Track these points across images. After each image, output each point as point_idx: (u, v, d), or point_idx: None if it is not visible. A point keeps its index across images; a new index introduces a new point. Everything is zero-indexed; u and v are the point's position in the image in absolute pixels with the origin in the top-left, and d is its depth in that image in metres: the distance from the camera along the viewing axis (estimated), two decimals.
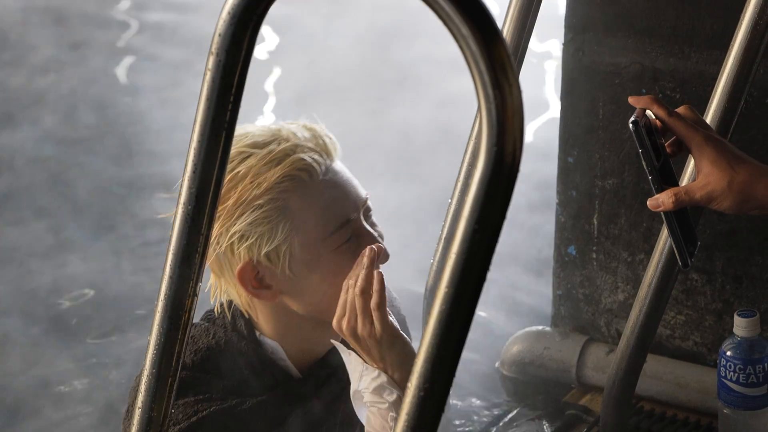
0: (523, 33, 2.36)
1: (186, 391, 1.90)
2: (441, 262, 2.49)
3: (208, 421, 1.88)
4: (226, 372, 1.94)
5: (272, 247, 1.88)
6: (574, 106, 2.92)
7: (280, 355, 1.98)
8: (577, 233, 2.99)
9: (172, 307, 1.40)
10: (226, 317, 1.98)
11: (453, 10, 1.11)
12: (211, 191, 1.35)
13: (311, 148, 1.90)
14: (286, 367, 1.98)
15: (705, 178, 1.92)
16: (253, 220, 1.87)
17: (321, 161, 1.90)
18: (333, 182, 1.91)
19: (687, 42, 2.74)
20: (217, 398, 1.90)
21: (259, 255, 1.89)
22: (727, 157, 1.91)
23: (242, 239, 1.88)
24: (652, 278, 2.35)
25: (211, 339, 1.96)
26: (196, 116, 1.32)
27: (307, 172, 1.88)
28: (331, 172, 1.92)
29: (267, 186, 1.86)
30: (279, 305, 1.95)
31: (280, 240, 1.88)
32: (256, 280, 1.91)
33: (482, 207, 1.14)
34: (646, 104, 1.95)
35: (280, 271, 1.90)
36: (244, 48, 1.29)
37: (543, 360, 3.08)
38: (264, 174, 1.87)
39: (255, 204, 1.87)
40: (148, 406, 1.45)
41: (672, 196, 1.93)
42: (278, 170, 1.87)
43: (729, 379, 2.35)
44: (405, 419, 1.21)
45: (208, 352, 1.95)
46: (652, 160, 1.92)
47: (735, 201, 1.92)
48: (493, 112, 1.12)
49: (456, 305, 1.17)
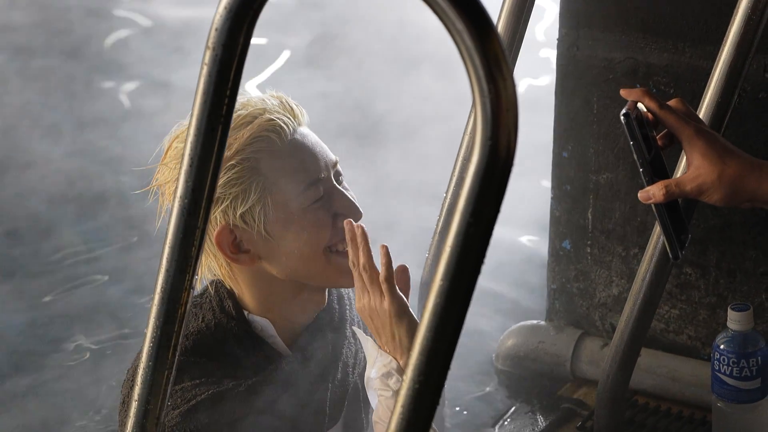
0: (518, 28, 2.36)
1: (181, 376, 1.92)
2: (436, 255, 2.50)
3: (205, 404, 1.90)
4: (219, 354, 1.97)
5: (246, 208, 1.92)
6: (569, 101, 2.93)
7: (269, 332, 2.01)
8: (572, 227, 3.00)
9: (168, 300, 1.41)
10: (213, 300, 2.00)
11: (448, 5, 1.11)
12: (208, 185, 1.36)
13: (279, 111, 1.96)
14: (275, 344, 2.01)
15: (695, 171, 1.93)
16: (227, 182, 1.92)
17: (288, 122, 1.95)
18: (302, 143, 1.96)
19: (680, 37, 2.75)
20: (212, 382, 1.92)
21: (235, 217, 1.93)
22: (718, 150, 1.92)
23: (217, 202, 1.93)
24: (646, 272, 2.35)
25: (201, 322, 1.99)
26: (193, 110, 1.33)
27: (275, 132, 1.94)
28: (299, 134, 1.97)
29: (237, 147, 1.91)
30: (259, 272, 1.98)
31: (253, 200, 1.92)
32: (233, 245, 1.95)
33: (477, 200, 1.14)
34: (638, 97, 1.96)
35: (256, 232, 1.94)
36: (240, 42, 1.30)
37: (538, 354, 3.09)
38: (234, 135, 1.92)
39: (227, 165, 1.91)
40: (144, 398, 1.45)
41: (663, 188, 1.94)
42: (247, 131, 1.92)
43: (723, 373, 2.36)
44: (400, 411, 1.22)
45: (199, 336, 1.98)
46: (643, 152, 1.93)
47: (725, 193, 1.93)
48: (488, 106, 1.12)
49: (451, 298, 1.17)
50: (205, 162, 1.35)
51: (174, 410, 1.90)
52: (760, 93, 2.69)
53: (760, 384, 2.36)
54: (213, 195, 1.37)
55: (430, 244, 2.52)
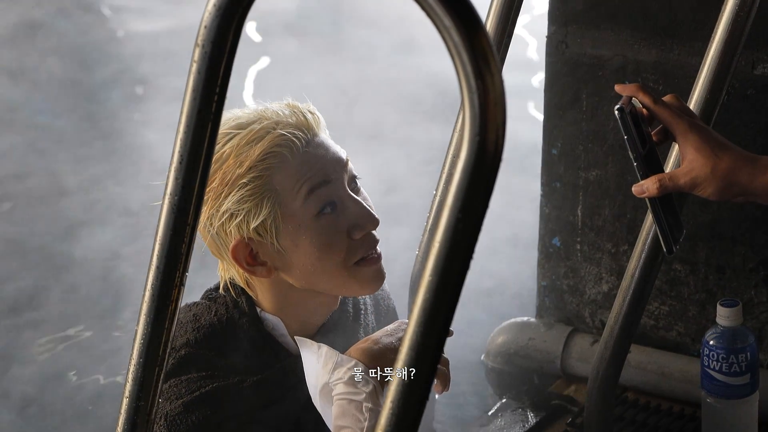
0: (507, 25, 2.36)
1: (189, 367, 1.93)
2: (425, 251, 2.50)
3: (209, 396, 1.90)
4: (228, 349, 1.97)
5: (259, 222, 1.91)
6: (558, 99, 2.93)
7: (280, 330, 2.00)
8: (561, 224, 3.01)
9: (158, 297, 1.41)
10: (228, 295, 2.01)
11: (435, 2, 1.12)
12: (197, 182, 1.36)
13: (292, 124, 1.93)
14: (285, 344, 2.01)
15: (689, 165, 1.93)
16: (240, 198, 1.91)
17: (301, 136, 1.93)
18: (311, 153, 1.94)
19: (669, 34, 2.76)
20: (219, 375, 1.93)
21: (249, 231, 1.92)
22: (711, 144, 1.93)
23: (231, 218, 1.92)
24: (636, 269, 2.36)
25: (213, 316, 1.99)
26: (183, 107, 1.33)
27: (286, 147, 1.92)
28: (312, 145, 1.94)
29: (249, 164, 1.91)
30: (277, 281, 1.98)
31: (265, 214, 1.91)
32: (250, 257, 1.94)
33: (465, 196, 1.15)
34: (632, 92, 1.96)
35: (270, 245, 1.93)
36: (229, 40, 1.30)
37: (528, 351, 3.09)
38: (246, 152, 1.91)
39: (240, 183, 1.91)
40: (135, 395, 1.45)
41: (656, 182, 1.94)
42: (259, 148, 1.91)
43: (712, 369, 2.36)
44: (390, 407, 1.22)
45: (211, 329, 1.98)
46: (638, 147, 1.93)
47: (718, 187, 1.93)
48: (476, 102, 1.13)
49: (440, 294, 1.18)
50: (195, 159, 1.35)
51: (177, 400, 1.90)
52: (749, 90, 2.70)
53: (750, 379, 2.36)
54: (203, 192, 1.37)
55: (420, 240, 2.52)
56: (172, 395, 1.92)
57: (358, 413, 1.86)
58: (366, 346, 1.91)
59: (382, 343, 1.91)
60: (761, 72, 2.68)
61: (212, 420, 1.90)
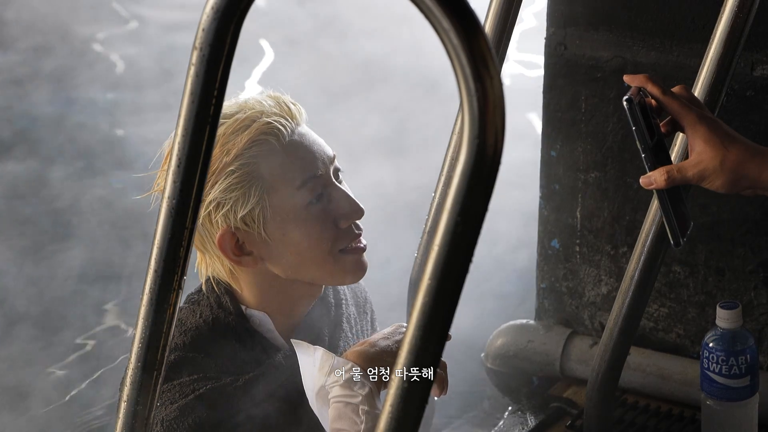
0: (505, 27, 2.36)
1: (180, 371, 1.93)
2: (424, 254, 2.50)
3: (203, 399, 1.91)
4: (217, 350, 1.98)
5: (246, 211, 1.93)
6: (557, 100, 2.93)
7: (267, 326, 2.01)
8: (561, 226, 3.00)
9: (156, 300, 1.41)
10: (212, 296, 2.01)
11: (434, 4, 1.12)
12: (196, 185, 1.36)
13: (276, 113, 1.96)
14: (273, 339, 2.02)
15: (698, 156, 1.92)
16: (227, 187, 1.92)
17: (286, 124, 1.95)
18: (299, 143, 1.96)
19: (668, 35, 2.76)
20: (211, 377, 1.93)
21: (236, 221, 1.93)
22: (720, 136, 1.91)
23: (218, 207, 1.93)
24: (635, 271, 2.36)
25: (199, 318, 1.99)
26: (181, 110, 1.33)
27: (273, 135, 1.94)
28: (297, 134, 1.97)
29: (236, 152, 1.92)
30: (261, 272, 1.99)
31: (253, 203, 1.93)
32: (236, 247, 1.95)
33: (464, 199, 1.14)
34: (641, 82, 1.94)
35: (257, 234, 1.94)
36: (227, 43, 1.30)
37: (527, 353, 3.09)
38: (233, 141, 1.92)
39: (227, 171, 1.92)
40: (133, 399, 1.45)
41: (664, 173, 1.93)
42: (245, 136, 1.93)
43: (712, 371, 2.36)
44: (389, 411, 1.22)
45: (197, 332, 1.98)
46: (646, 138, 1.92)
47: (727, 179, 1.92)
48: (475, 104, 1.13)
49: (439, 297, 1.18)
50: (193, 162, 1.35)
51: (172, 404, 1.90)
52: (748, 91, 2.70)
53: (749, 382, 2.36)
54: (201, 195, 1.37)
55: (419, 243, 2.52)
56: (166, 400, 1.91)
57: (355, 416, 1.86)
58: (362, 349, 1.91)
59: (378, 346, 1.91)
60: (760, 73, 2.68)
61: (209, 421, 1.90)
